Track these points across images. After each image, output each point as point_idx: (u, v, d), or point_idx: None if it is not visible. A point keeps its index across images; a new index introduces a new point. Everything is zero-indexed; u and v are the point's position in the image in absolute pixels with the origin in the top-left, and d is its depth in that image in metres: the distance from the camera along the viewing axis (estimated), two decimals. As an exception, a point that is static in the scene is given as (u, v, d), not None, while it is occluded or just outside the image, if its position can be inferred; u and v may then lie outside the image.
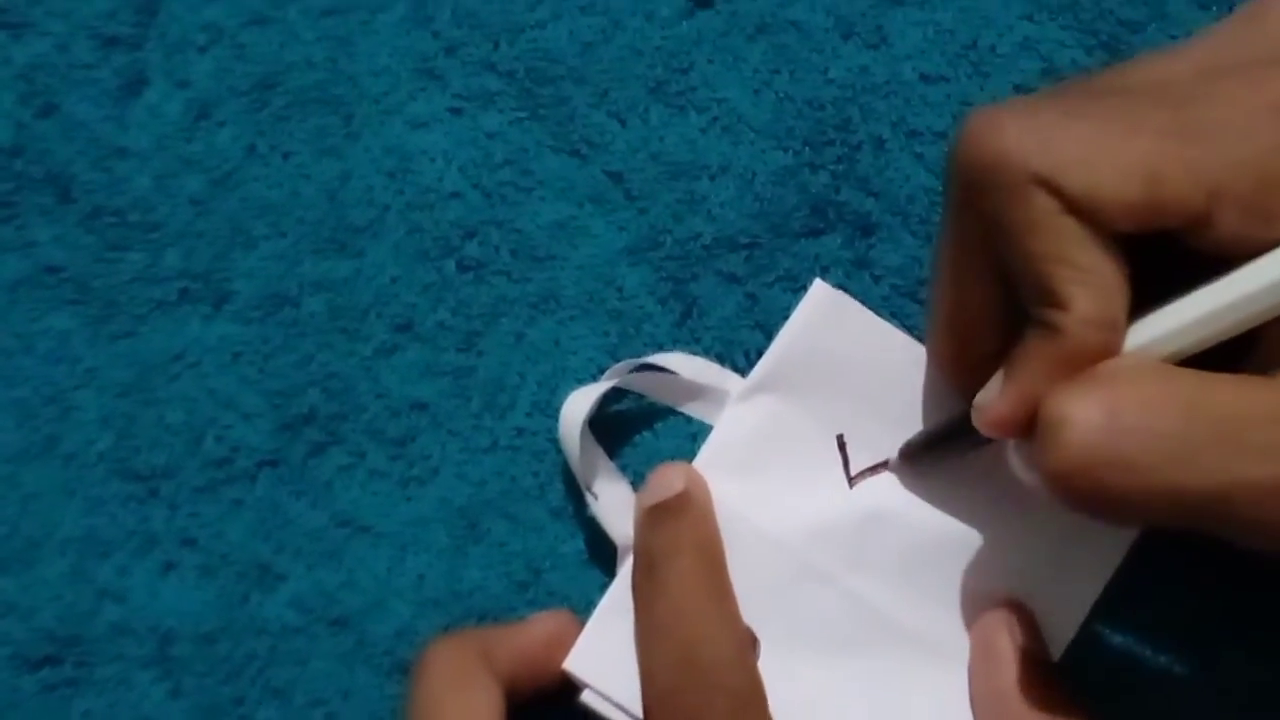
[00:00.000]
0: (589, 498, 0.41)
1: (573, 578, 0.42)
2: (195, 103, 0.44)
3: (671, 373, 0.42)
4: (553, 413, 0.42)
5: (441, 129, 0.44)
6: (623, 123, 0.43)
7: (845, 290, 0.42)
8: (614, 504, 0.41)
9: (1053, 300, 0.32)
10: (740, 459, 0.40)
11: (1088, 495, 0.31)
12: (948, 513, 0.40)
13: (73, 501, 0.43)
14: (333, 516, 0.42)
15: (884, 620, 0.40)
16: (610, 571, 0.41)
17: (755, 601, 0.40)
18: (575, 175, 0.43)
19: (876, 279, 0.43)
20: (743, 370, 0.42)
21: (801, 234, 0.43)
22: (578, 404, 0.41)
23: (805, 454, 0.41)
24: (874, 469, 0.41)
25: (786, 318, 0.41)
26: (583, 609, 0.41)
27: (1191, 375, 0.32)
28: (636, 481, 0.42)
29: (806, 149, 0.43)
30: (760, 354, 0.42)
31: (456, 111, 0.44)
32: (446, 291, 0.43)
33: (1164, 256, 0.32)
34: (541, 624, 0.40)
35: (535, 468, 0.42)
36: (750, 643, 0.38)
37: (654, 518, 0.39)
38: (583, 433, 0.41)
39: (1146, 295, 0.33)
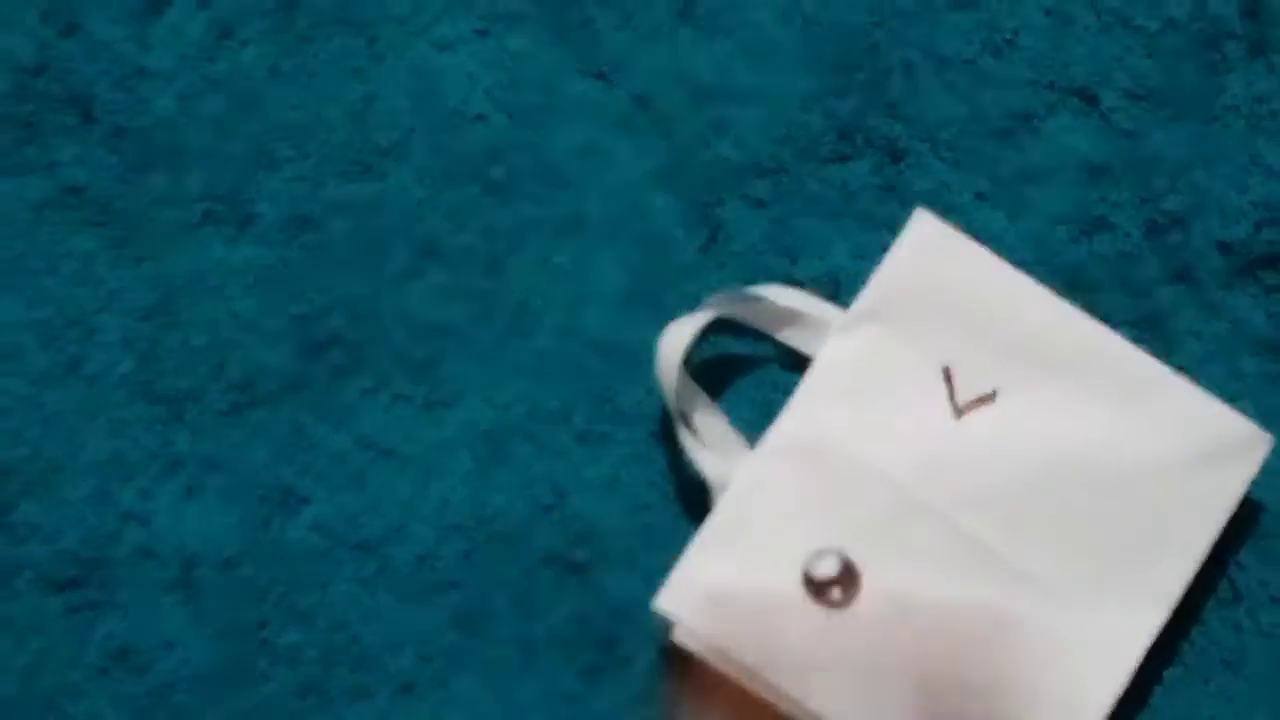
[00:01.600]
0: (683, 434, 0.40)
1: (597, 501, 0.41)
2: (217, 22, 0.42)
3: (768, 301, 0.40)
4: (577, 335, 0.41)
5: (467, 50, 0.42)
6: (649, 46, 0.42)
7: (871, 216, 0.41)
8: (711, 440, 0.40)
9: None
10: (844, 389, 0.40)
11: None
12: (1060, 446, 0.39)
13: (96, 424, 0.41)
14: (356, 440, 0.41)
15: (995, 559, 0.39)
16: (657, 507, 0.41)
17: (862, 535, 0.39)
18: (601, 99, 0.42)
19: (904, 204, 0.41)
20: None
21: (829, 159, 0.42)
22: (677, 335, 0.39)
23: (910, 385, 0.40)
24: (981, 400, 0.40)
25: (814, 244, 0.41)
26: (607, 534, 0.40)
27: None
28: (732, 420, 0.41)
29: (834, 74, 0.42)
30: (786, 279, 0.41)
31: (482, 33, 0.42)
32: (471, 215, 0.42)
33: None
34: None
35: (559, 391, 0.41)
36: None
37: None
38: (680, 366, 0.39)
39: None
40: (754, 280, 0.41)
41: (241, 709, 0.40)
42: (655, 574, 0.40)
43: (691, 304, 0.41)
